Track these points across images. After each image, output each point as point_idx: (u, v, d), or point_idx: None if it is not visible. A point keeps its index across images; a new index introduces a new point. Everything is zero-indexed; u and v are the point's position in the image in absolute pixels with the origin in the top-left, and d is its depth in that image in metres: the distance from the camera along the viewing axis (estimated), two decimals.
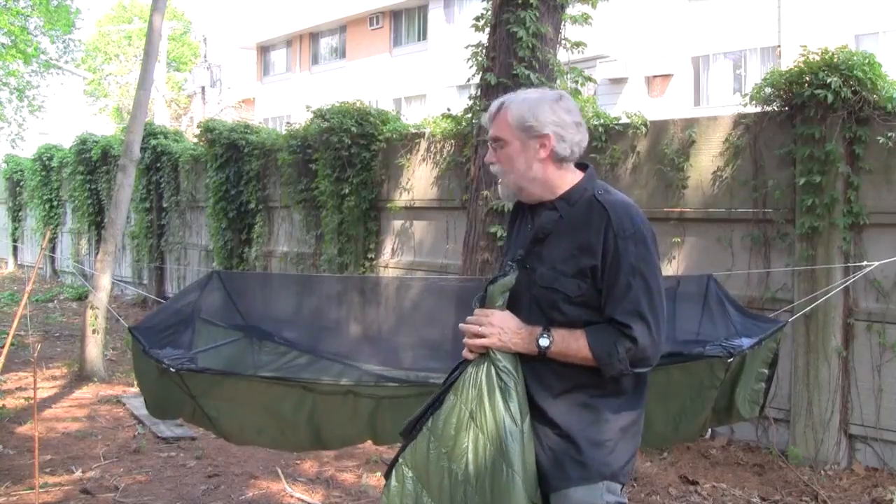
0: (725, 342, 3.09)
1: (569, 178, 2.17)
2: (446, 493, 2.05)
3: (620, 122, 5.97)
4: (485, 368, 2.09)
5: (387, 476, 2.15)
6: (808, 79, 4.89)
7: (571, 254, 2.08)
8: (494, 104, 2.23)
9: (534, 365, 2.10)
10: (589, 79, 6.83)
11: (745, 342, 3.09)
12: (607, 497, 2.11)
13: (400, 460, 2.12)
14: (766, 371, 3.25)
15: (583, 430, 2.08)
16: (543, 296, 2.09)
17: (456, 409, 2.07)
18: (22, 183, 17.11)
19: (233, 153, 9.66)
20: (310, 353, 3.25)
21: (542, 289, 2.09)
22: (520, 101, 2.18)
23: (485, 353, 2.11)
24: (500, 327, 2.09)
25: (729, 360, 3.00)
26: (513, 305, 2.14)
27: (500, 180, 2.24)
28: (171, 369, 2.75)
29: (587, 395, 2.10)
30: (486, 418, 2.04)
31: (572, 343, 2.06)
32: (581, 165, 2.22)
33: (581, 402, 2.09)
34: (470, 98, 6.46)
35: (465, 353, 2.15)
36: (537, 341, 2.06)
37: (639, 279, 2.03)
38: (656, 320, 2.04)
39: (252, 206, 9.59)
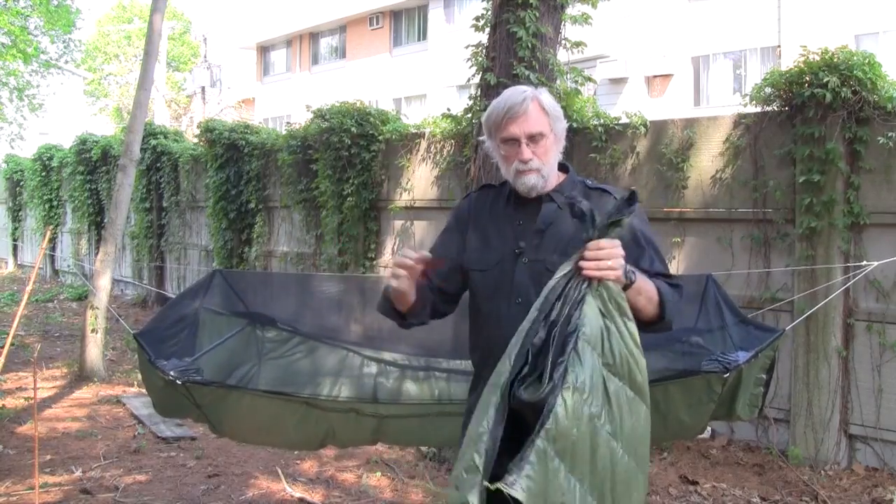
0: (722, 357, 3.02)
1: (557, 171, 2.22)
2: (586, 457, 1.75)
3: (620, 122, 5.97)
4: (602, 312, 1.86)
5: (515, 468, 1.66)
6: (808, 79, 4.90)
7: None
8: (514, 100, 2.10)
9: None
10: (589, 79, 6.82)
11: (742, 356, 3.02)
12: None
13: (542, 435, 1.68)
14: (764, 376, 3.22)
15: None
16: None
17: (595, 364, 1.80)
18: (22, 183, 17.10)
19: (233, 153, 9.66)
20: (312, 339, 3.25)
21: None
22: (545, 92, 2.17)
23: (592, 298, 1.86)
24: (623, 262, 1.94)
25: (725, 376, 2.96)
26: (519, 297, 2.08)
27: (525, 175, 2.12)
28: (178, 381, 2.75)
29: None
30: (625, 363, 1.84)
31: (645, 283, 1.99)
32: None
33: None
34: (470, 98, 6.45)
35: (589, 273, 1.87)
36: (626, 271, 1.92)
37: (651, 248, 2.14)
38: None
39: (252, 206, 9.59)
